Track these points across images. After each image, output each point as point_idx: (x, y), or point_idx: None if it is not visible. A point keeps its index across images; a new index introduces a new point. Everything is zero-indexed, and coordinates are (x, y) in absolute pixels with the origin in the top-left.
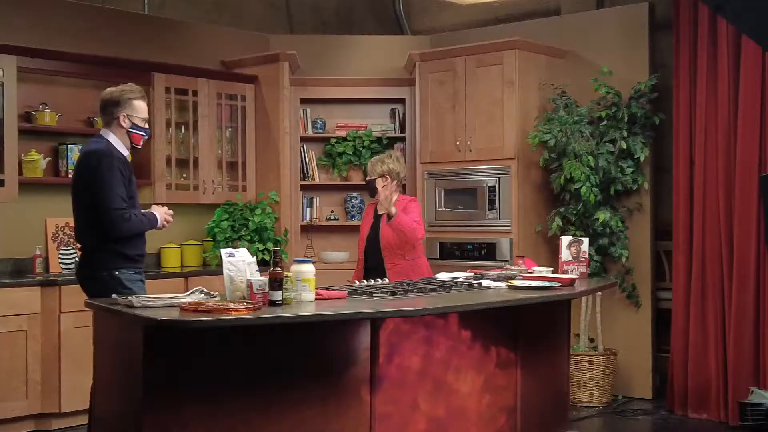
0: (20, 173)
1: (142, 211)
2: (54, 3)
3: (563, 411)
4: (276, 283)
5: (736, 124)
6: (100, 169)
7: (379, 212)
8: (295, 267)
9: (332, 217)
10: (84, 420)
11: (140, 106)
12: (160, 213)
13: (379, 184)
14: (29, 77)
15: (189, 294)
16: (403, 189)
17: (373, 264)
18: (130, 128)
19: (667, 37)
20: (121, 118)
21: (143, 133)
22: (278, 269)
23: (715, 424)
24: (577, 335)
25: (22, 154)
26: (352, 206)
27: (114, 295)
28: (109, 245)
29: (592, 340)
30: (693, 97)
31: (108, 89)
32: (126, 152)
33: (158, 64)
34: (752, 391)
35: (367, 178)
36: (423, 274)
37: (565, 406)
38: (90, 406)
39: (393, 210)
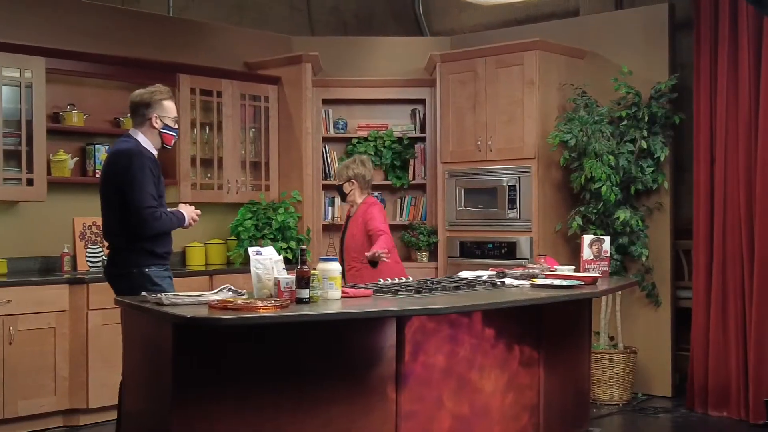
0: (48, 173)
1: (171, 209)
2: (81, 5)
3: (584, 409)
4: (303, 281)
5: (756, 124)
6: (132, 168)
7: (350, 215)
8: (321, 265)
9: None
10: (111, 416)
11: (170, 107)
12: (188, 211)
13: (347, 188)
14: (57, 78)
15: (217, 292)
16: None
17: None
18: (162, 129)
19: (688, 37)
20: (154, 119)
21: (174, 134)
22: (305, 267)
23: (736, 422)
24: (597, 333)
25: (51, 154)
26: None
27: (143, 293)
28: (138, 243)
29: (612, 338)
30: (713, 96)
31: (137, 91)
32: (155, 151)
33: (183, 65)
34: None
35: (336, 183)
36: (382, 278)
37: (586, 403)
38: (119, 402)
39: (376, 254)
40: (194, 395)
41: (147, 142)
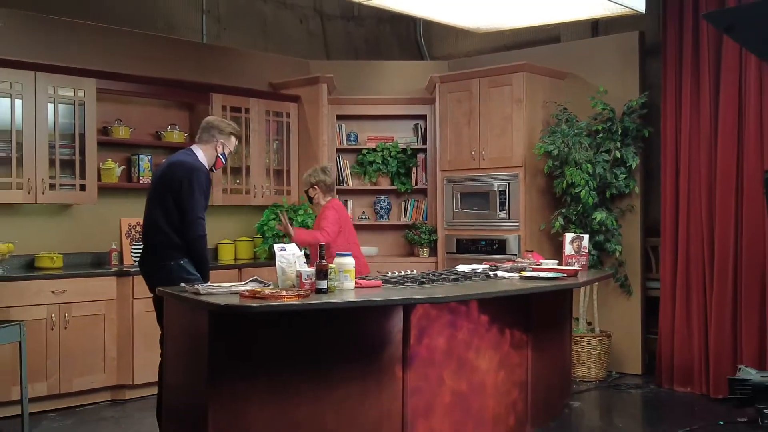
0: (98, 179)
1: None
2: (127, 34)
3: (566, 385)
4: (322, 273)
5: (716, 137)
6: (192, 181)
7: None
8: (337, 260)
9: (364, 217)
10: (153, 391)
11: (234, 142)
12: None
13: (311, 193)
14: (106, 97)
15: (246, 283)
16: (413, 195)
17: None
18: (220, 155)
19: (656, 61)
20: (218, 144)
21: (224, 162)
22: (323, 261)
23: (698, 396)
24: (577, 319)
25: (100, 163)
26: (381, 207)
27: (182, 284)
28: (178, 239)
29: (589, 324)
30: (678, 113)
31: (217, 117)
32: (207, 167)
33: (216, 85)
34: (740, 369)
35: (304, 189)
36: None
37: (568, 380)
38: (159, 378)
39: (291, 232)
40: (227, 373)
41: (204, 158)
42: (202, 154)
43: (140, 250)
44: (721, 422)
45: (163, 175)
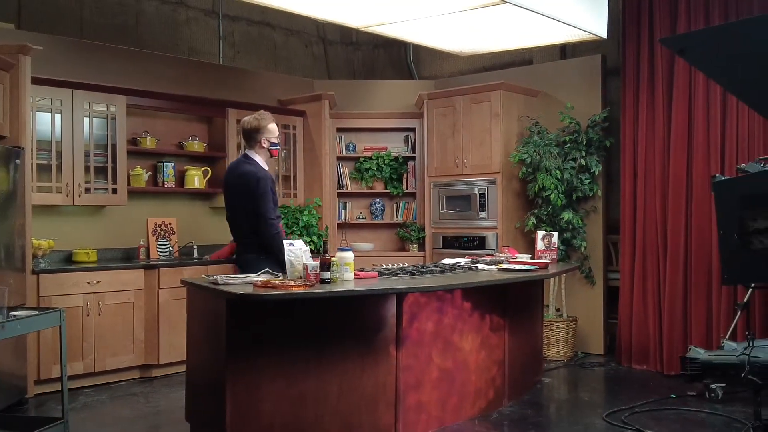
0: (128, 184)
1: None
2: (153, 56)
3: (539, 363)
4: (325, 266)
5: (669, 147)
6: (258, 186)
7: None
8: (339, 254)
9: (361, 217)
10: (177, 369)
11: (273, 128)
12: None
13: None
14: (135, 112)
15: (259, 274)
16: (404, 198)
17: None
18: (270, 147)
19: (616, 81)
20: (263, 140)
21: (277, 147)
22: (327, 255)
23: (653, 373)
24: (547, 306)
25: (130, 170)
26: (376, 209)
27: (203, 275)
28: (253, 237)
29: (558, 310)
30: (636, 125)
31: (246, 119)
32: (267, 167)
33: (231, 102)
34: (690, 348)
35: None
36: None
37: (540, 359)
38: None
39: None
40: (243, 352)
41: (261, 161)
42: (258, 157)
43: (165, 246)
44: (674, 396)
45: (236, 184)
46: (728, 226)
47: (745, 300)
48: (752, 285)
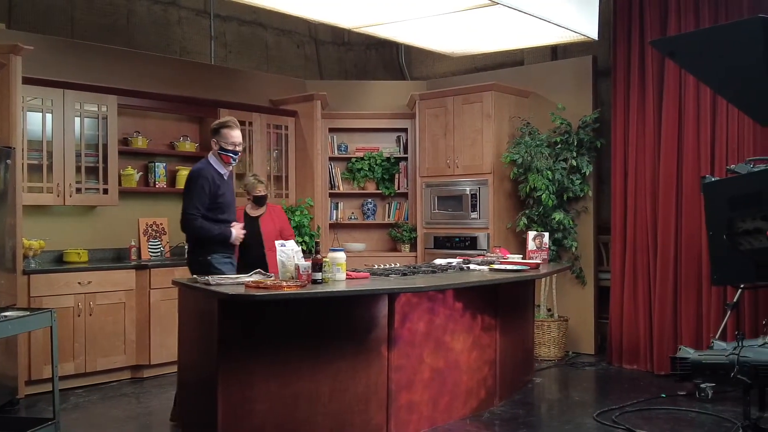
0: (119, 184)
1: (223, 226)
2: (145, 56)
3: (530, 363)
4: (317, 266)
5: (659, 148)
6: (188, 183)
7: (253, 215)
8: (331, 254)
9: (352, 218)
10: (168, 370)
11: (227, 134)
12: (237, 230)
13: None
14: (126, 111)
15: (251, 275)
16: (396, 198)
17: (251, 260)
18: (219, 151)
19: (607, 82)
20: (213, 143)
21: (230, 155)
22: (319, 256)
23: (644, 373)
24: (539, 306)
25: (121, 170)
26: (368, 209)
27: (194, 275)
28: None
29: (549, 310)
30: (626, 126)
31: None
32: (224, 170)
33: (223, 102)
34: (680, 348)
35: (263, 193)
36: None
37: (531, 359)
38: None
39: None
40: (235, 352)
41: (216, 162)
42: (213, 158)
43: (157, 246)
44: (664, 395)
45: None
46: (717, 227)
47: (734, 300)
48: (741, 285)
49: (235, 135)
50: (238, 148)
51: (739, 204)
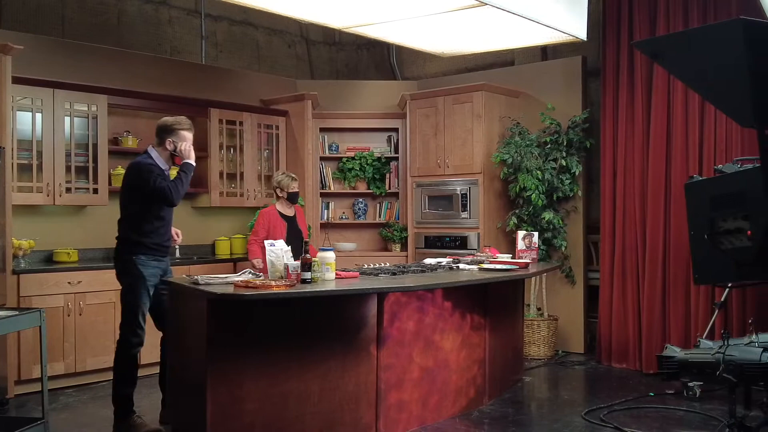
0: (109, 183)
1: (178, 174)
2: (135, 56)
3: (519, 362)
4: (306, 265)
5: (648, 147)
6: (143, 176)
7: (289, 215)
8: (320, 254)
9: (343, 217)
10: (157, 369)
11: (186, 136)
12: (184, 151)
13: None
14: (117, 111)
15: (240, 274)
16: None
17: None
18: (173, 151)
19: (596, 82)
20: (168, 142)
21: (181, 155)
22: (308, 255)
23: (633, 372)
24: (528, 305)
25: (111, 169)
26: (359, 209)
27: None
28: (133, 236)
29: (539, 309)
30: (615, 127)
31: (164, 117)
32: (166, 167)
33: (213, 101)
34: (666, 347)
35: (296, 190)
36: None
37: (521, 358)
38: (161, 357)
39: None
40: (224, 352)
41: (160, 159)
42: (156, 154)
43: None
44: (652, 394)
45: (124, 178)
46: (699, 226)
47: (722, 299)
48: (729, 284)
49: (191, 137)
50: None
51: (721, 204)
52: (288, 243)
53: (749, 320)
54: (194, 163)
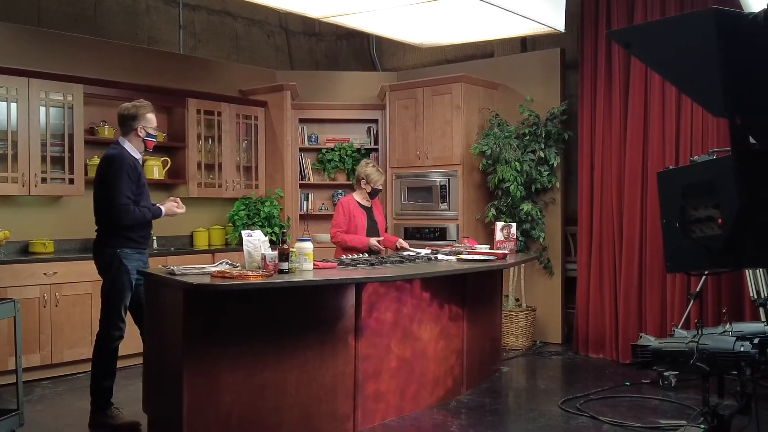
0: (85, 174)
1: (151, 204)
2: (112, 45)
3: (497, 352)
4: (284, 256)
5: (625, 140)
6: (113, 171)
7: (367, 206)
8: (298, 244)
9: (323, 208)
10: (135, 361)
11: (151, 118)
12: (167, 206)
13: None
14: (93, 101)
15: (217, 265)
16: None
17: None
18: (146, 137)
19: (574, 74)
20: (138, 129)
21: (154, 140)
22: (285, 246)
23: (609, 362)
24: (507, 296)
25: (87, 160)
26: (337, 200)
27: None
28: (114, 229)
29: (517, 300)
30: (593, 119)
31: (124, 105)
32: (138, 156)
33: (191, 91)
34: (641, 336)
35: (381, 188)
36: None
37: (498, 348)
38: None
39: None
40: (200, 342)
41: (132, 148)
42: (128, 144)
43: None
44: (628, 383)
45: (97, 170)
46: (670, 215)
47: (697, 289)
48: (705, 272)
49: (154, 119)
50: (156, 133)
51: (691, 192)
52: (367, 234)
53: (723, 310)
54: (164, 215)
